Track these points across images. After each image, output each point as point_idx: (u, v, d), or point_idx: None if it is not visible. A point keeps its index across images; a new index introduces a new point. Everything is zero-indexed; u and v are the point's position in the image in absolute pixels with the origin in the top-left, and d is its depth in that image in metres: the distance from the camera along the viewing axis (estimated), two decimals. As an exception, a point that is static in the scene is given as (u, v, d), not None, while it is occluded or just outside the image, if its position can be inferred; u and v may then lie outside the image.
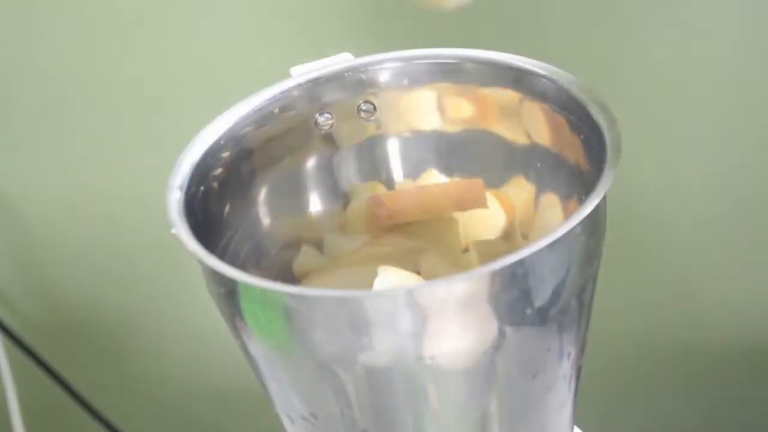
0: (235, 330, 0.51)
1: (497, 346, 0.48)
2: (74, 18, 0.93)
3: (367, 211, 0.59)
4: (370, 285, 0.56)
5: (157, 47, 0.94)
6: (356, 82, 0.59)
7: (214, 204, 0.56)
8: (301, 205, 0.61)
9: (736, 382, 1.04)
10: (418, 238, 0.58)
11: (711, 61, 0.88)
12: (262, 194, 0.59)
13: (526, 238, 0.59)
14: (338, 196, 0.61)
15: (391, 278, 0.53)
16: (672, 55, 0.88)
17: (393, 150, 0.61)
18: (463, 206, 0.59)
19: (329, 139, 0.60)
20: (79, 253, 1.05)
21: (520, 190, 0.59)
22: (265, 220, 0.59)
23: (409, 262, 0.56)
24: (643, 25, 0.86)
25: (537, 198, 0.59)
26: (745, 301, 0.99)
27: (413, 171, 0.61)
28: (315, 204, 0.61)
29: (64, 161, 1.00)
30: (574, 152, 0.55)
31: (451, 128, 0.60)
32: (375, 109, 0.60)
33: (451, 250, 0.58)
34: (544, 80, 0.56)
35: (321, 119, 0.60)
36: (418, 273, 0.56)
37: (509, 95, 0.58)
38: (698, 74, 0.88)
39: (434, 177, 0.61)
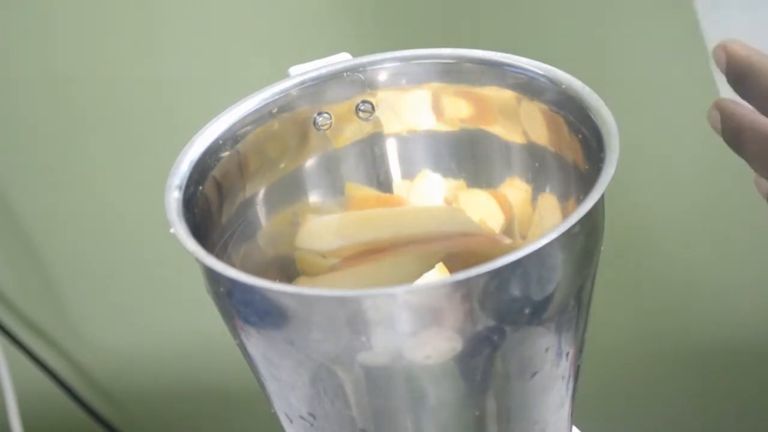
0: (234, 329, 0.51)
1: (495, 346, 0.48)
2: (74, 18, 0.93)
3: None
4: (368, 285, 0.56)
5: (156, 47, 0.94)
6: (354, 82, 0.59)
7: (213, 204, 0.56)
8: (299, 205, 0.61)
9: (736, 381, 1.04)
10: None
11: (711, 60, 0.88)
12: (261, 194, 0.59)
13: (525, 238, 0.59)
14: (336, 196, 0.61)
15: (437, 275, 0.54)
16: (671, 55, 0.88)
17: (391, 150, 0.61)
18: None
19: (327, 139, 0.60)
20: (78, 253, 1.05)
21: (518, 190, 0.59)
22: (264, 219, 0.59)
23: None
24: (642, 25, 0.86)
25: (535, 198, 0.59)
26: (745, 301, 0.99)
27: (411, 171, 0.61)
28: (313, 204, 0.61)
29: (64, 161, 1.00)
30: (573, 152, 0.55)
31: (450, 128, 0.60)
32: (373, 109, 0.60)
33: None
34: (542, 80, 0.56)
35: (319, 119, 0.60)
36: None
37: (507, 95, 0.58)
38: (698, 73, 0.88)
39: (432, 177, 0.61)
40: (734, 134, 0.50)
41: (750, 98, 0.51)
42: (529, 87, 0.57)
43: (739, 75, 0.49)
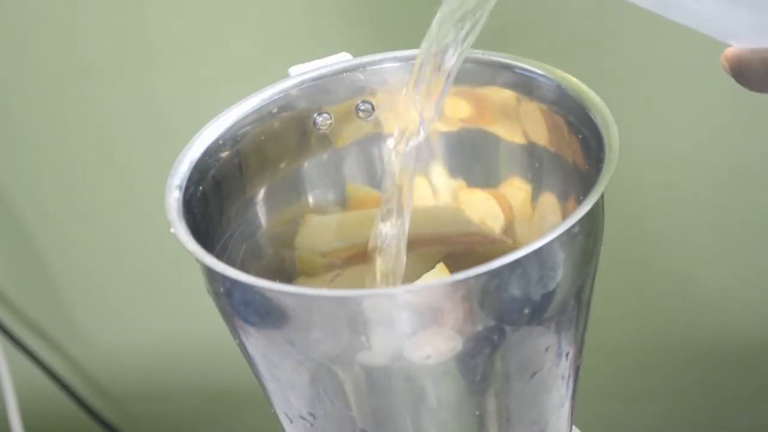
0: (234, 329, 0.51)
1: (495, 346, 0.48)
2: (74, 18, 0.93)
3: None
4: (368, 285, 0.56)
5: (156, 47, 0.94)
6: (354, 82, 0.59)
7: (213, 204, 0.56)
8: (299, 205, 0.61)
9: (735, 381, 1.04)
10: None
11: (710, 60, 0.88)
12: (261, 194, 0.59)
13: (525, 238, 0.59)
14: (336, 196, 0.61)
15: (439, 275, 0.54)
16: (671, 55, 0.88)
17: (391, 150, 0.61)
18: None
19: (327, 139, 0.60)
20: (78, 253, 1.05)
21: (518, 190, 0.59)
22: (264, 219, 0.59)
23: None
24: (642, 25, 0.86)
25: (535, 198, 0.59)
26: (746, 301, 0.99)
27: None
28: (313, 204, 0.61)
29: (64, 161, 1.00)
30: (572, 152, 0.55)
31: (450, 128, 0.60)
32: (373, 109, 0.60)
33: None
34: (542, 80, 0.56)
35: (319, 119, 0.60)
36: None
37: (507, 95, 0.58)
38: (697, 73, 0.88)
39: (432, 177, 0.61)
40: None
41: (752, 82, 0.53)
42: (529, 87, 0.57)
43: (737, 71, 0.52)
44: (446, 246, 0.61)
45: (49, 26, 0.93)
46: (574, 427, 0.58)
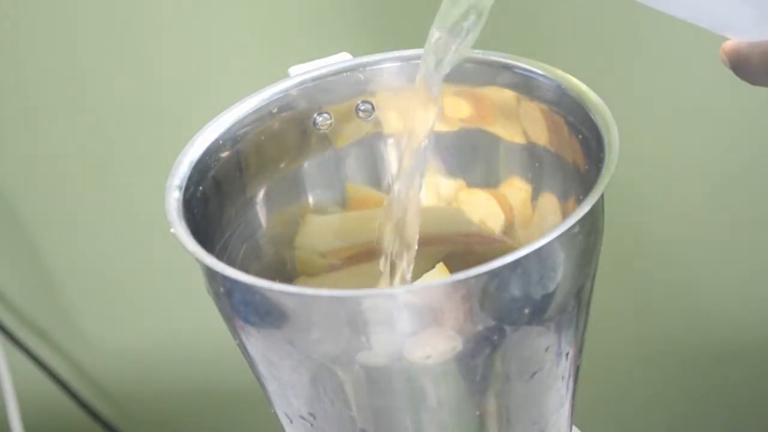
0: (234, 329, 0.51)
1: (495, 346, 0.48)
2: (74, 16, 0.93)
3: None
4: (368, 285, 0.56)
5: (156, 47, 0.94)
6: (355, 82, 0.59)
7: (213, 204, 0.56)
8: (299, 205, 0.61)
9: (736, 382, 1.04)
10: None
11: (710, 60, 0.88)
12: (261, 194, 0.59)
13: (525, 239, 0.59)
14: (336, 196, 0.61)
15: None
16: (671, 55, 0.88)
17: (391, 150, 0.61)
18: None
19: (327, 139, 0.60)
20: (79, 253, 1.05)
21: (519, 190, 0.59)
22: (263, 220, 0.59)
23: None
24: (643, 25, 0.86)
25: (535, 198, 0.59)
26: (745, 301, 0.99)
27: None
28: (313, 204, 0.61)
29: (65, 161, 1.00)
30: (572, 152, 0.55)
31: (450, 128, 0.60)
32: (373, 109, 0.60)
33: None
34: (542, 80, 0.56)
35: (319, 119, 0.60)
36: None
37: (507, 95, 0.58)
38: (697, 73, 0.88)
39: (432, 177, 0.61)
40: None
41: (751, 76, 0.53)
42: (529, 87, 0.57)
43: (736, 64, 0.53)
44: (446, 246, 0.61)
45: (49, 26, 0.93)
46: (574, 427, 0.58)
